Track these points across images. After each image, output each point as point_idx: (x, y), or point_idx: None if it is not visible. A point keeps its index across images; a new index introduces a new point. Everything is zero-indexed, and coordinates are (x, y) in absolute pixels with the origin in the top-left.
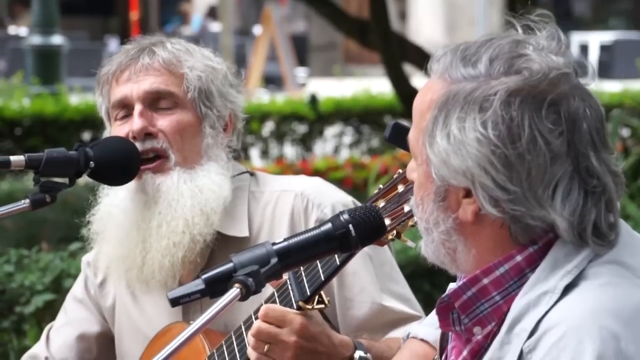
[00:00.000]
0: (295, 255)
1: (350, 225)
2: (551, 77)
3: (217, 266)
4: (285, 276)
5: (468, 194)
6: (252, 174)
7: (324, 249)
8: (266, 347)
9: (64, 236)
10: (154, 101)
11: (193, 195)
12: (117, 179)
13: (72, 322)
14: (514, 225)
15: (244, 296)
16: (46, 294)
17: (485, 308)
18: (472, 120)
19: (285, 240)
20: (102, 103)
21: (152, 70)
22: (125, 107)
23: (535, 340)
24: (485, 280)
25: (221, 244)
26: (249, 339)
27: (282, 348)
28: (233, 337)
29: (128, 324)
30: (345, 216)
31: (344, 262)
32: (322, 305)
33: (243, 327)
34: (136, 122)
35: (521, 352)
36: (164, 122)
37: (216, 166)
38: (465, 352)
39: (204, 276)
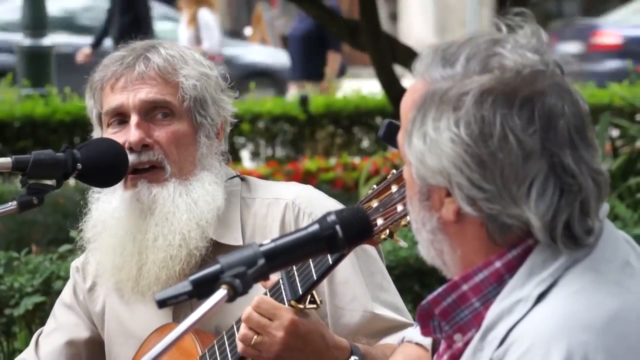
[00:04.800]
0: (283, 256)
1: (338, 226)
2: (524, 75)
3: (205, 267)
4: (278, 275)
5: (449, 193)
6: (242, 179)
7: (311, 250)
8: (254, 339)
9: (54, 238)
10: (150, 111)
11: (189, 209)
12: (105, 181)
13: (61, 327)
14: (491, 224)
15: (231, 297)
16: (36, 296)
17: (466, 315)
18: (446, 119)
19: (272, 241)
20: (94, 107)
21: (148, 79)
22: (119, 115)
23: (503, 351)
24: (465, 287)
25: (215, 252)
26: (240, 327)
27: (269, 342)
28: (225, 336)
29: (118, 329)
30: (332, 217)
31: (336, 262)
32: (314, 305)
33: (235, 327)
34: (133, 134)
35: None
36: (160, 133)
37: (210, 175)
38: (445, 358)
39: (191, 278)
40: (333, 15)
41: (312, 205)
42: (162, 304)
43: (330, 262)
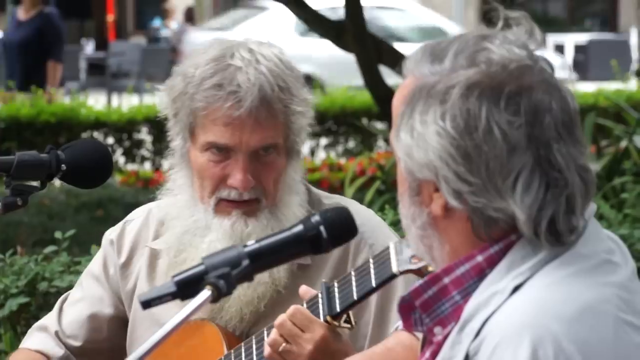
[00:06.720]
0: (267, 257)
1: (322, 227)
2: (511, 69)
3: (189, 268)
4: (318, 289)
5: (437, 188)
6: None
7: (296, 250)
8: (282, 346)
9: (39, 239)
10: (258, 150)
11: None
12: (89, 182)
13: (86, 298)
14: (477, 218)
15: (215, 298)
16: (20, 298)
17: (446, 308)
18: (432, 113)
19: (256, 242)
20: (181, 111)
21: (262, 118)
22: (223, 149)
23: (478, 344)
24: (446, 280)
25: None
26: (271, 333)
27: (297, 352)
28: (253, 340)
29: (145, 313)
30: (317, 218)
31: (380, 285)
32: (349, 325)
33: (265, 332)
34: (242, 180)
35: (467, 355)
36: (264, 172)
37: (297, 198)
38: (427, 354)
39: (175, 279)
40: (319, 16)
41: (375, 235)
42: (146, 305)
43: (374, 285)
